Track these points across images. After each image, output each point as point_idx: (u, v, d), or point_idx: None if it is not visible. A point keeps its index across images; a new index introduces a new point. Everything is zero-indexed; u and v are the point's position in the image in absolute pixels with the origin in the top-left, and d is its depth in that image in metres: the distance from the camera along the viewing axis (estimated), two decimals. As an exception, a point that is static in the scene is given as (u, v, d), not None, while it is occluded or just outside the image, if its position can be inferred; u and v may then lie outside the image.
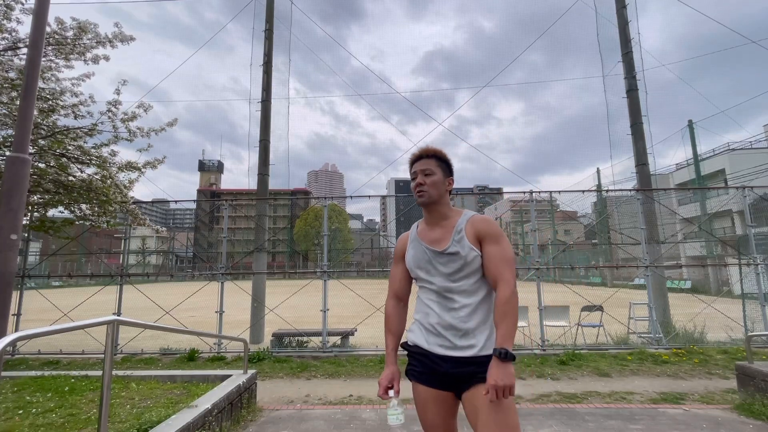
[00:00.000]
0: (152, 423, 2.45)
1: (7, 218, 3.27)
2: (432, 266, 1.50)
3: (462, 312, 1.43)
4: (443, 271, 1.48)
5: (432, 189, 1.54)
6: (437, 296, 1.49)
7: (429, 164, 1.57)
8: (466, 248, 1.45)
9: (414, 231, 1.64)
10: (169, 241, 56.70)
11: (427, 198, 1.54)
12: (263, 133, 8.86)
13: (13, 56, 5.36)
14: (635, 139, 8.20)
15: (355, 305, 9.84)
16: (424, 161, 1.58)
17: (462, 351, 1.40)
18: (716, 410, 3.76)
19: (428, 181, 1.54)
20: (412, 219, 45.58)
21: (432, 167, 1.56)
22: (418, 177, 1.57)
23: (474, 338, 1.40)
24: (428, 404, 1.46)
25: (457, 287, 1.46)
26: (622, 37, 8.60)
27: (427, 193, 1.54)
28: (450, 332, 1.43)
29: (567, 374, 5.17)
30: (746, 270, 6.92)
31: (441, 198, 1.56)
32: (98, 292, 7.01)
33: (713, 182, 24.17)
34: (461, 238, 1.47)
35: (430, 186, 1.54)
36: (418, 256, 1.55)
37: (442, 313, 1.46)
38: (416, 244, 1.58)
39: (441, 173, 1.56)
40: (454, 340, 1.42)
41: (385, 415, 3.71)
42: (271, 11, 9.29)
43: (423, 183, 1.55)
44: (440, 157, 1.59)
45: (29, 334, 1.65)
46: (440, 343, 1.44)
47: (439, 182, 1.55)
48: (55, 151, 5.52)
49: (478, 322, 1.42)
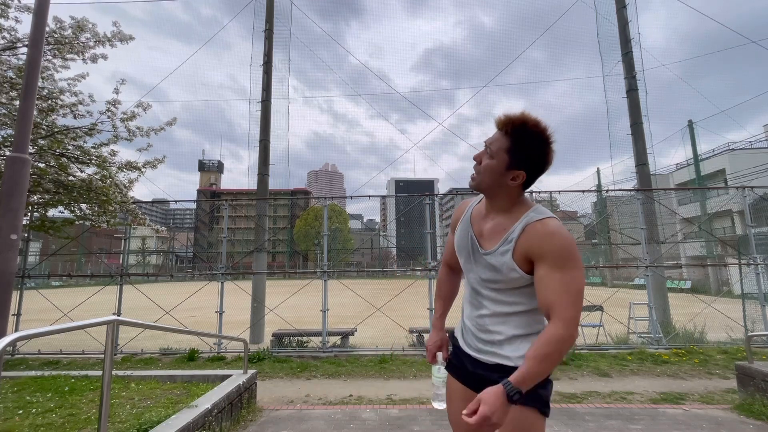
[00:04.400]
0: (152, 423, 2.44)
1: (7, 218, 3.26)
2: (472, 259, 1.28)
3: (488, 320, 1.25)
4: (479, 272, 1.26)
5: (485, 176, 1.20)
6: (471, 293, 1.33)
7: (500, 142, 1.16)
8: (506, 267, 1.17)
9: (471, 208, 1.35)
10: (169, 241, 56.69)
11: (476, 184, 1.23)
12: (263, 132, 8.86)
13: (12, 56, 5.35)
14: (635, 139, 8.20)
15: (355, 305, 9.85)
16: (497, 135, 1.18)
17: (485, 356, 1.26)
18: (716, 410, 3.75)
19: (483, 164, 1.20)
20: (412, 219, 45.80)
21: (498, 149, 1.16)
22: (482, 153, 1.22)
23: (501, 349, 1.22)
24: (455, 399, 1.36)
25: (487, 294, 1.26)
26: (622, 37, 8.60)
27: (477, 179, 1.22)
28: (474, 334, 1.32)
29: (567, 374, 5.17)
30: (746, 270, 6.92)
31: (497, 190, 1.21)
32: (98, 292, 7.00)
33: (713, 182, 24.17)
34: (507, 251, 1.17)
35: (483, 171, 1.20)
36: (462, 242, 1.32)
37: (471, 311, 1.33)
38: (466, 225, 1.32)
39: (506, 161, 1.15)
40: (478, 344, 1.29)
41: (385, 414, 3.72)
42: (271, 11, 9.29)
43: (478, 164, 1.22)
44: (518, 138, 1.13)
45: (29, 334, 1.65)
46: (467, 341, 1.35)
47: (496, 171, 1.17)
48: (55, 151, 5.51)
49: (508, 336, 1.21)
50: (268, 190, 8.89)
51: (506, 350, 1.21)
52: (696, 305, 7.83)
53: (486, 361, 1.25)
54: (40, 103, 5.35)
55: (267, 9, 9.29)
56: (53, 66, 5.57)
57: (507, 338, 1.21)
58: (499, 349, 1.22)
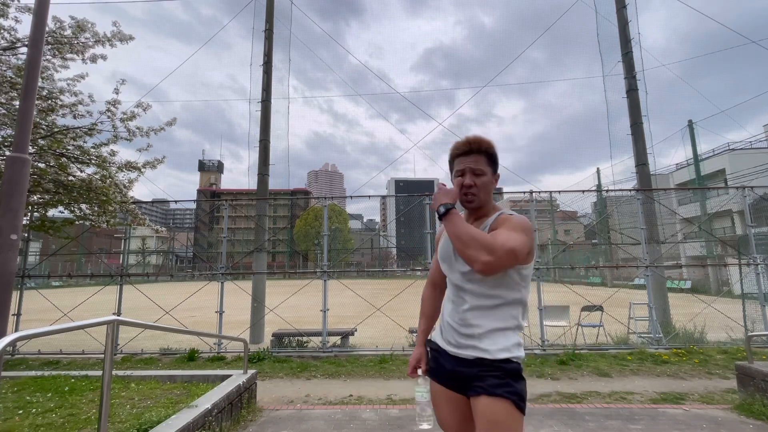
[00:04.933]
0: (152, 423, 2.44)
1: (7, 218, 3.26)
2: (453, 261, 1.42)
3: (469, 314, 1.35)
4: (460, 268, 1.38)
5: (483, 193, 1.38)
6: (453, 293, 1.43)
7: (480, 162, 1.37)
8: None
9: None
10: (169, 241, 56.70)
11: (477, 203, 1.39)
12: (263, 133, 8.86)
13: (12, 56, 5.35)
14: (635, 139, 8.20)
15: (355, 305, 9.85)
16: (474, 157, 1.38)
17: (464, 350, 1.34)
18: (716, 410, 3.76)
19: (479, 183, 1.36)
20: (412, 219, 45.76)
21: (483, 166, 1.37)
22: (466, 176, 1.38)
23: (480, 342, 1.31)
24: (441, 402, 1.42)
25: (469, 287, 1.36)
26: (622, 38, 8.60)
27: (477, 198, 1.38)
28: (455, 331, 1.39)
29: (567, 374, 5.17)
30: (746, 270, 6.92)
31: (489, 199, 1.42)
32: (98, 292, 7.00)
33: (713, 182, 24.17)
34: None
35: (481, 189, 1.37)
36: (445, 249, 1.47)
37: (453, 311, 1.41)
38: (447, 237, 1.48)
39: (491, 173, 1.39)
40: (459, 339, 1.37)
41: (385, 414, 3.72)
42: (271, 11, 9.29)
43: (473, 185, 1.36)
44: (491, 154, 1.40)
45: (29, 334, 1.65)
46: (448, 340, 1.41)
47: (489, 184, 1.39)
48: (55, 151, 5.51)
49: (488, 329, 1.31)
50: (268, 190, 8.89)
51: (485, 343, 1.30)
52: (696, 305, 7.84)
53: (466, 356, 1.33)
54: (40, 103, 5.34)
55: (267, 9, 9.29)
56: (53, 66, 5.57)
57: (486, 331, 1.31)
58: (478, 342, 1.31)
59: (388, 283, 25.13)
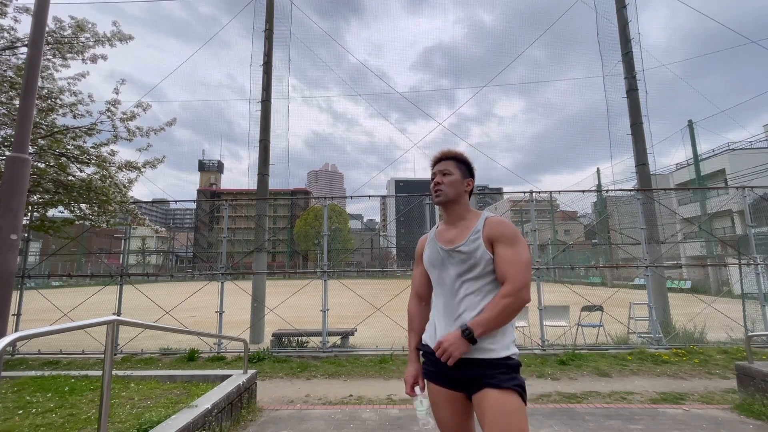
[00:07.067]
0: (152, 423, 2.44)
1: (7, 218, 3.26)
2: (444, 266, 1.51)
3: (465, 315, 1.40)
4: (453, 271, 1.47)
5: (449, 188, 1.56)
6: (446, 297, 1.49)
7: (448, 165, 1.60)
8: (480, 250, 1.44)
9: (433, 232, 1.65)
10: (169, 241, 56.70)
11: (443, 197, 1.56)
12: (263, 133, 8.86)
13: (11, 55, 5.35)
14: (635, 139, 8.20)
15: (355, 305, 9.85)
16: (443, 163, 1.61)
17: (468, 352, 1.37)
18: (716, 410, 3.75)
19: (446, 181, 1.57)
20: (412, 219, 45.80)
21: (450, 168, 1.59)
22: (436, 177, 1.60)
23: (482, 342, 1.37)
24: (441, 404, 1.45)
25: (464, 289, 1.44)
26: (622, 38, 8.60)
27: (443, 192, 1.56)
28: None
29: (567, 374, 5.17)
30: (746, 270, 6.92)
31: (458, 198, 1.57)
32: (98, 292, 7.00)
33: (713, 182, 24.16)
34: (477, 238, 1.47)
35: (447, 185, 1.57)
36: (433, 256, 1.56)
37: (447, 314, 1.46)
38: (433, 243, 1.59)
39: (459, 174, 1.58)
40: None
41: (385, 414, 3.72)
42: (271, 11, 9.28)
43: (441, 182, 1.57)
44: (460, 159, 1.61)
45: (29, 334, 1.64)
46: None
47: (457, 182, 1.57)
48: (55, 151, 5.51)
49: None
50: (268, 190, 8.89)
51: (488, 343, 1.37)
52: (696, 305, 7.84)
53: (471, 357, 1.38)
54: (40, 102, 5.34)
55: (267, 9, 9.28)
56: (53, 65, 5.56)
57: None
58: (481, 342, 1.36)
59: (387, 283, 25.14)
